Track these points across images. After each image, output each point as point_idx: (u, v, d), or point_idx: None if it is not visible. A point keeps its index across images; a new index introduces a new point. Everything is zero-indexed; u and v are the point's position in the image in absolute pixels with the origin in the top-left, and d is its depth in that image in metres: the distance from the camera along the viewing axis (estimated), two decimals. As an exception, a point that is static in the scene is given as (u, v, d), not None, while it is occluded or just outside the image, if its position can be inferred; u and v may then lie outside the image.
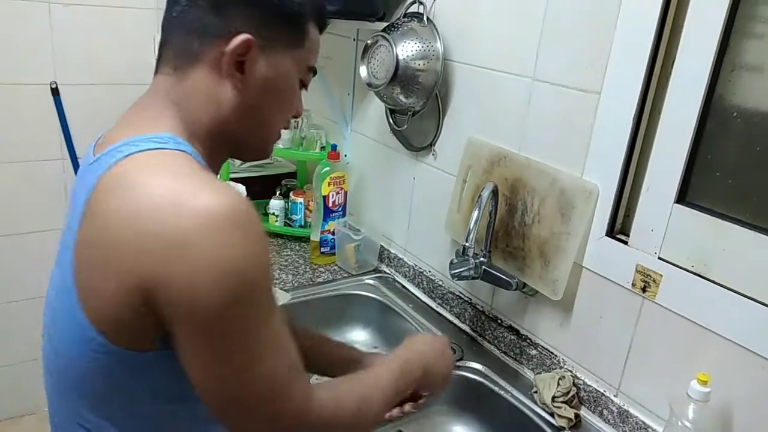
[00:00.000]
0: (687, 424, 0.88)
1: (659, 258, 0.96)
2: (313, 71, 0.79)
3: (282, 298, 1.42)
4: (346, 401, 0.74)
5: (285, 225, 1.79)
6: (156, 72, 0.74)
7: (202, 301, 0.59)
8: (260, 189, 1.85)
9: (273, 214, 1.77)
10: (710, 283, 0.90)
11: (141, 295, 0.61)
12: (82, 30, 1.94)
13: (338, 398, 0.73)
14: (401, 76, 1.29)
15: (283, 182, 1.90)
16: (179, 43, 0.72)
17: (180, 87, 0.72)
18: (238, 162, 1.91)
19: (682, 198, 0.94)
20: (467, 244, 1.09)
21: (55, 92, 1.97)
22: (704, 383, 0.87)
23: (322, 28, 0.79)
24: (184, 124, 0.72)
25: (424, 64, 1.29)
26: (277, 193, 1.82)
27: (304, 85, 0.79)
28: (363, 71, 1.36)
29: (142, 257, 0.60)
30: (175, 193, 0.61)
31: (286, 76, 0.75)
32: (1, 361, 2.10)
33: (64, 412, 0.74)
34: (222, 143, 0.75)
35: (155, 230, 0.59)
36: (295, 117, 0.81)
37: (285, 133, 1.71)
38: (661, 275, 0.96)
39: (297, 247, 1.73)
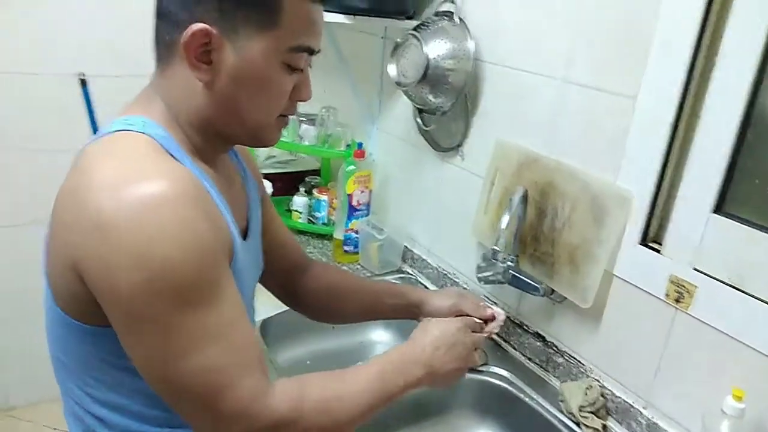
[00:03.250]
0: (720, 440, 0.85)
1: (694, 269, 0.94)
2: (308, 51, 0.72)
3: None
4: (313, 401, 0.71)
5: (308, 222, 1.78)
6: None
7: (120, 283, 0.60)
8: (283, 185, 1.85)
9: (296, 211, 1.77)
10: (746, 295, 0.87)
11: (74, 272, 0.63)
12: (109, 21, 1.95)
13: (303, 398, 0.70)
14: (431, 76, 1.27)
15: (307, 179, 1.90)
16: (157, 33, 0.72)
17: (161, 76, 0.73)
18: (262, 157, 1.91)
19: (719, 208, 0.91)
20: (497, 248, 1.07)
21: (84, 83, 2.00)
22: (739, 399, 0.84)
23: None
24: (167, 110, 0.72)
25: (454, 64, 1.27)
26: (301, 190, 1.81)
27: (292, 67, 0.71)
28: (392, 70, 1.34)
29: (70, 236, 0.63)
30: (110, 177, 0.62)
31: (260, 62, 0.69)
32: (21, 347, 2.13)
33: (61, 386, 0.78)
34: (209, 131, 0.74)
35: (81, 211, 0.61)
36: (301, 100, 0.77)
37: (310, 130, 1.70)
38: (696, 286, 0.93)
39: (320, 245, 1.73)
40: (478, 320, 1.00)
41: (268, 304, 1.08)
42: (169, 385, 0.65)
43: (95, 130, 2.01)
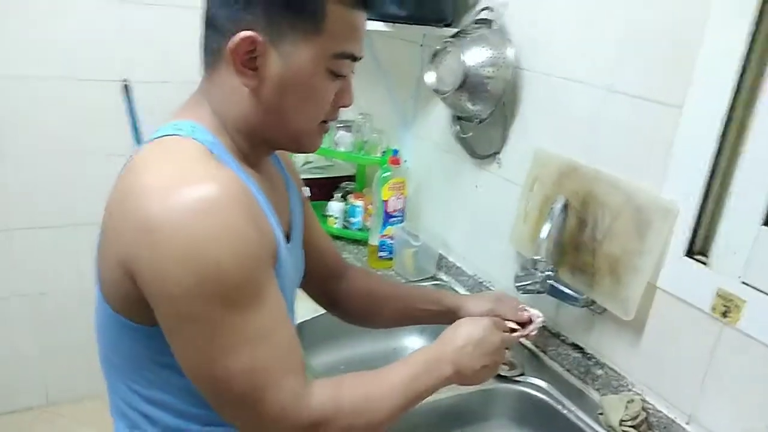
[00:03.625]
0: (769, 460, 0.83)
1: (743, 282, 0.91)
2: (351, 57, 0.73)
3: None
4: (348, 402, 0.72)
5: (344, 227, 1.79)
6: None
7: (170, 285, 0.61)
8: (319, 191, 1.87)
9: (332, 216, 1.78)
10: (800, 312, 0.85)
11: (125, 273, 0.65)
12: (154, 29, 1.99)
13: (338, 399, 0.71)
14: (469, 83, 1.27)
15: (342, 185, 1.91)
16: (205, 40, 0.74)
17: (208, 83, 0.75)
18: (299, 163, 1.93)
19: (770, 220, 0.89)
20: (538, 258, 1.06)
21: (127, 90, 2.05)
22: (791, 419, 0.82)
23: (354, 5, 0.71)
24: (215, 116, 0.74)
25: (493, 72, 1.27)
26: (337, 195, 1.82)
27: (336, 74, 0.72)
28: (431, 77, 1.34)
29: (122, 239, 0.65)
30: (160, 181, 0.64)
31: (305, 69, 0.70)
32: (65, 343, 2.19)
33: (109, 384, 0.80)
34: (254, 137, 0.75)
35: (132, 214, 0.63)
36: (344, 107, 0.77)
37: (346, 137, 1.71)
38: (745, 301, 0.91)
39: (355, 250, 1.74)
40: (515, 325, 1.00)
41: (304, 308, 1.10)
42: (214, 383, 0.66)
43: (137, 135, 2.06)
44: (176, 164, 0.67)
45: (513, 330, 0.99)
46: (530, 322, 1.03)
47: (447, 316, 1.03)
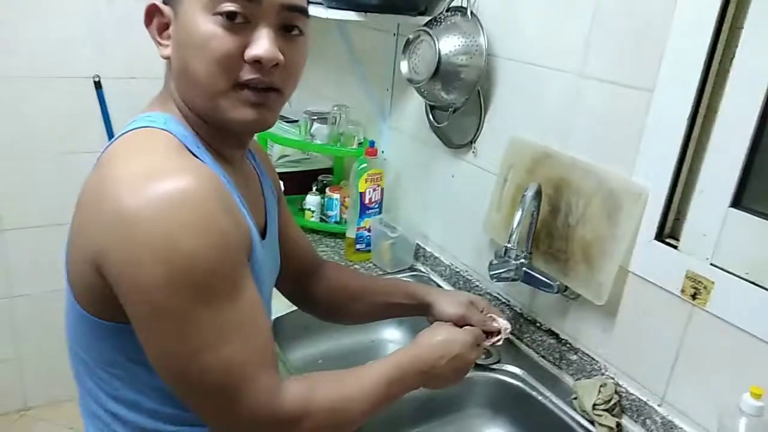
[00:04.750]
0: (738, 439, 0.84)
1: (711, 264, 0.92)
2: None
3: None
4: (321, 401, 0.71)
5: (321, 221, 1.78)
6: None
7: (142, 276, 0.60)
8: (296, 184, 1.85)
9: (309, 209, 1.77)
10: (766, 291, 0.86)
11: (94, 267, 0.64)
12: (125, 24, 1.96)
13: (312, 397, 0.71)
14: (443, 72, 1.27)
15: (320, 178, 1.90)
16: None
17: (167, 68, 0.74)
18: (275, 156, 1.91)
19: (737, 202, 0.89)
20: (509, 245, 1.06)
21: (98, 85, 2.02)
22: (758, 397, 0.83)
23: None
24: (178, 103, 0.73)
25: (466, 60, 1.26)
26: (313, 188, 1.81)
27: (226, 15, 0.65)
28: (404, 67, 1.34)
29: (93, 231, 0.63)
30: (133, 173, 0.62)
31: (190, 18, 0.66)
32: (41, 346, 2.15)
33: (78, 383, 0.78)
34: (206, 123, 0.73)
35: (104, 206, 0.62)
36: (257, 61, 0.67)
37: (322, 129, 1.70)
38: (713, 282, 0.92)
39: (332, 244, 1.73)
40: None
41: (280, 303, 1.08)
42: (187, 380, 0.65)
43: (110, 131, 2.03)
44: (150, 156, 0.65)
45: None
46: (498, 333, 1.02)
47: (420, 309, 1.03)
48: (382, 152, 1.70)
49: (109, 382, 0.73)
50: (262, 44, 0.67)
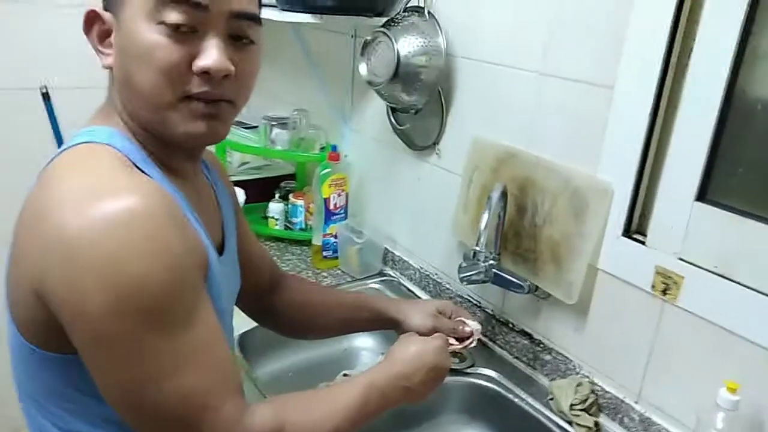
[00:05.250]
0: (715, 434, 0.83)
1: (680, 259, 0.92)
2: (183, 1, 0.61)
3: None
4: (291, 427, 0.67)
5: (285, 229, 1.74)
6: None
7: (87, 304, 0.56)
8: (258, 192, 1.80)
9: (272, 217, 1.72)
10: (736, 284, 0.85)
11: (37, 296, 0.60)
12: (73, 33, 1.88)
13: (280, 423, 0.67)
14: (402, 74, 1.24)
15: (282, 184, 1.85)
16: None
17: (110, 79, 0.70)
18: (235, 164, 1.86)
19: (702, 196, 0.89)
20: (478, 249, 1.04)
21: (46, 97, 1.93)
22: (733, 391, 0.82)
23: None
24: (123, 116, 0.68)
25: (426, 61, 1.24)
26: (276, 195, 1.77)
27: (171, 26, 0.61)
28: (363, 69, 1.31)
29: (33, 256, 0.59)
30: (75, 193, 0.58)
31: (133, 26, 0.62)
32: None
33: (28, 419, 0.72)
34: (154, 136, 0.69)
35: (45, 229, 0.57)
36: (206, 72, 0.63)
37: (282, 134, 1.66)
38: (683, 277, 0.92)
39: (298, 251, 1.68)
40: (453, 340, 0.97)
41: (245, 317, 1.04)
42: (143, 412, 0.61)
43: (60, 143, 1.95)
44: (92, 174, 0.61)
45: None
46: (470, 336, 1.00)
47: (388, 325, 1.01)
48: (346, 156, 1.67)
49: (61, 417, 0.68)
50: (211, 54, 0.63)
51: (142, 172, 0.65)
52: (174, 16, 0.62)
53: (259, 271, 0.99)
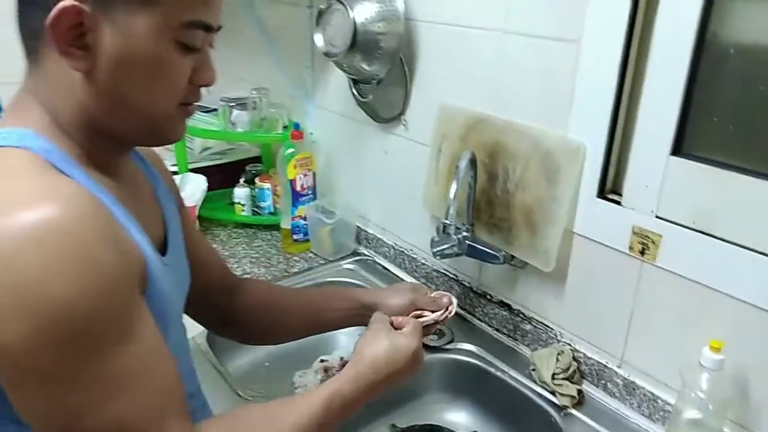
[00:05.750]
0: (701, 394, 0.81)
1: (657, 217, 0.88)
2: (204, 27, 0.61)
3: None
4: None
5: (253, 214, 1.68)
6: None
7: (5, 335, 0.49)
8: (223, 177, 1.74)
9: (238, 203, 1.66)
10: (715, 239, 0.82)
11: None
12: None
13: None
14: (361, 42, 1.18)
15: (247, 168, 1.79)
16: (23, 22, 0.59)
17: (33, 76, 0.61)
18: (197, 150, 1.79)
19: (677, 149, 0.85)
20: (447, 221, 1.00)
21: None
22: (717, 350, 0.80)
23: None
24: (46, 115, 0.60)
25: (384, 27, 1.18)
26: (242, 180, 1.70)
27: (188, 47, 0.61)
28: (319, 40, 1.24)
29: None
30: None
31: (147, 42, 0.58)
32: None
33: None
34: (99, 133, 0.62)
35: None
36: (205, 85, 0.65)
37: (242, 115, 1.59)
38: (660, 235, 0.88)
39: (268, 237, 1.63)
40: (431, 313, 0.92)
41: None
42: None
43: None
44: (4, 183, 0.53)
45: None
46: (449, 305, 0.95)
47: (363, 315, 0.91)
48: (311, 134, 1.61)
49: None
50: (212, 69, 0.65)
51: (62, 174, 0.57)
52: (197, 41, 0.62)
53: (211, 273, 0.90)
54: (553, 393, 1.01)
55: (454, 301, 0.95)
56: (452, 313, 0.93)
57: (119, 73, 0.58)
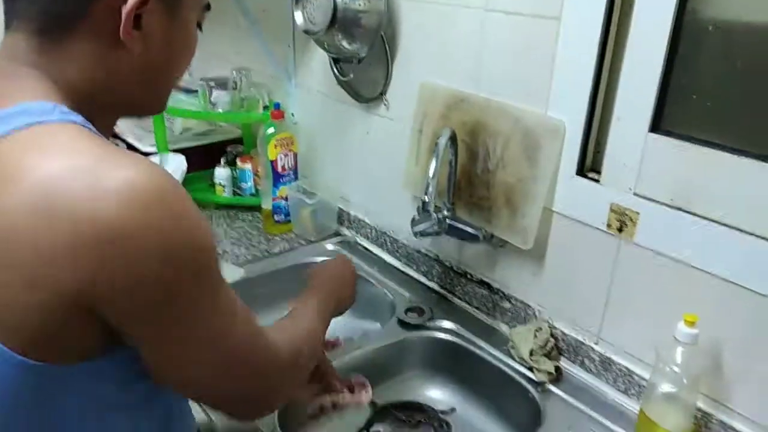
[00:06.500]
0: (675, 369, 0.82)
1: (635, 194, 0.89)
2: (207, 6, 0.69)
3: (235, 273, 1.31)
4: (298, 336, 0.74)
5: (234, 195, 1.67)
6: (6, 28, 0.60)
7: (159, 287, 0.53)
8: (204, 158, 1.72)
9: (219, 184, 1.64)
10: (693, 216, 0.83)
11: (71, 304, 0.51)
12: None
13: (291, 336, 0.73)
14: (341, 20, 1.16)
15: (228, 149, 1.77)
16: (43, 5, 0.58)
17: (49, 54, 0.59)
18: (177, 131, 1.77)
19: (656, 127, 0.86)
20: (426, 199, 0.99)
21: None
22: (692, 324, 0.81)
23: None
24: (61, 90, 0.59)
25: (365, 4, 1.16)
26: (222, 161, 1.69)
27: (200, 26, 0.69)
28: (299, 17, 1.23)
29: (64, 261, 0.49)
30: (81, 177, 0.50)
31: (189, 22, 0.65)
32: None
33: None
34: (109, 107, 0.64)
35: (71, 227, 0.48)
36: None
37: (223, 95, 1.57)
38: (638, 213, 0.89)
39: (249, 218, 1.62)
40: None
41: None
42: (221, 363, 0.61)
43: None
44: (89, 156, 0.52)
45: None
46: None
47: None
48: (292, 115, 1.60)
49: None
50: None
51: None
52: (204, 20, 0.69)
53: None
54: (530, 369, 1.02)
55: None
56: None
57: (165, 51, 0.63)
